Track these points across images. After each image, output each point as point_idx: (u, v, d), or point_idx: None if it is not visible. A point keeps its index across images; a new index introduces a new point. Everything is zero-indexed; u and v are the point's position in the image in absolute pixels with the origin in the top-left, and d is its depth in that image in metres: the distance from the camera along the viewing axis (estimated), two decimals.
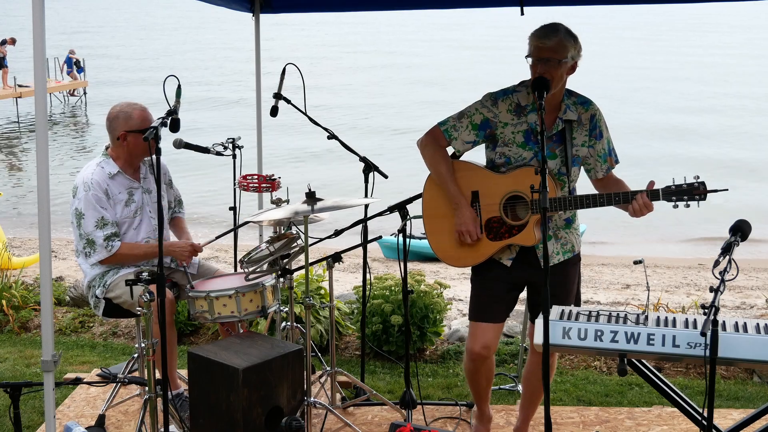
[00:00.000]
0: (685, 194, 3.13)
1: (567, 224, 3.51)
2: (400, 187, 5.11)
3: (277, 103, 4.45)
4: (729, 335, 2.79)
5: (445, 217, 3.49)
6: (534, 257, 3.44)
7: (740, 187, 15.30)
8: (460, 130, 3.44)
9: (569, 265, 3.54)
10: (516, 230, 3.37)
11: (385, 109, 28.11)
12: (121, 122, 4.00)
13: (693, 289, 9.52)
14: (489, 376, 3.73)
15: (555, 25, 3.28)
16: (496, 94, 3.44)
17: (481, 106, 3.43)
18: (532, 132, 3.36)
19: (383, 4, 5.84)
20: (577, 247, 3.58)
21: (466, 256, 3.47)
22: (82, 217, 3.93)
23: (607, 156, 3.46)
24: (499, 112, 3.40)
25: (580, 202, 3.27)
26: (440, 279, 5.72)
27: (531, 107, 3.36)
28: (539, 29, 3.29)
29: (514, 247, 3.45)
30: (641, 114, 24.94)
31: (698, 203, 3.15)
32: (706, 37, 55.97)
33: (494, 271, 3.50)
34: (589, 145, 3.43)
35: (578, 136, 3.41)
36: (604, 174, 3.47)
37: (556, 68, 3.22)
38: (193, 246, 4.13)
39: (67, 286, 6.90)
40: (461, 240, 3.42)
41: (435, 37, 56.07)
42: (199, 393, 3.46)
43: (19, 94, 26.30)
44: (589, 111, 3.42)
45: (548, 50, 3.22)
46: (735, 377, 4.93)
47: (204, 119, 23.04)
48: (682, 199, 3.14)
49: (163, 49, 49.97)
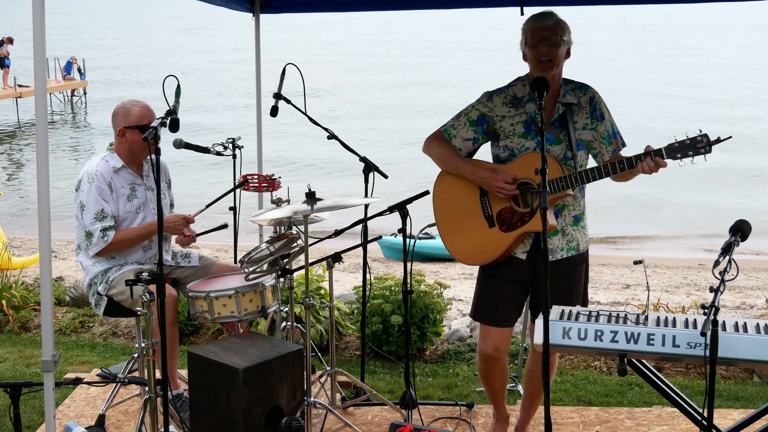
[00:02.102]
0: (690, 149, 3.05)
1: (575, 221, 3.51)
2: (399, 188, 5.11)
3: (277, 103, 4.45)
4: (729, 335, 2.79)
5: (455, 216, 3.50)
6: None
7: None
8: (459, 128, 3.49)
9: (575, 264, 3.53)
10: (527, 217, 3.36)
11: (386, 109, 28.11)
12: (120, 118, 4.04)
13: (693, 289, 9.52)
14: (503, 376, 3.72)
15: (548, 10, 3.34)
16: (492, 91, 3.49)
17: (477, 103, 3.49)
18: (532, 121, 3.38)
19: (383, 4, 5.84)
20: (583, 245, 3.56)
21: (483, 251, 3.46)
22: (84, 209, 3.95)
23: (611, 138, 3.45)
24: (494, 106, 3.44)
25: (585, 176, 3.24)
26: (440, 279, 5.73)
27: (528, 97, 3.39)
28: (535, 14, 3.33)
29: (527, 240, 3.44)
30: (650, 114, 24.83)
31: (704, 156, 3.05)
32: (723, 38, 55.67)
33: (505, 269, 3.49)
34: (592, 127, 3.43)
35: (579, 120, 3.42)
36: (611, 156, 3.44)
37: (558, 46, 3.26)
38: (185, 217, 4.13)
39: (67, 286, 6.90)
40: (500, 196, 3.36)
41: (435, 38, 56.07)
42: (199, 393, 3.46)
43: (19, 94, 26.31)
44: (588, 94, 3.44)
45: (549, 30, 3.26)
46: (735, 377, 4.93)
47: (205, 120, 23.06)
48: (687, 155, 3.05)
49: (163, 49, 49.97)
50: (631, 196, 14.73)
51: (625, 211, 14.29)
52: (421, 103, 28.49)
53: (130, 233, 4.05)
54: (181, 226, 4.12)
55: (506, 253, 3.43)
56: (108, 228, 3.97)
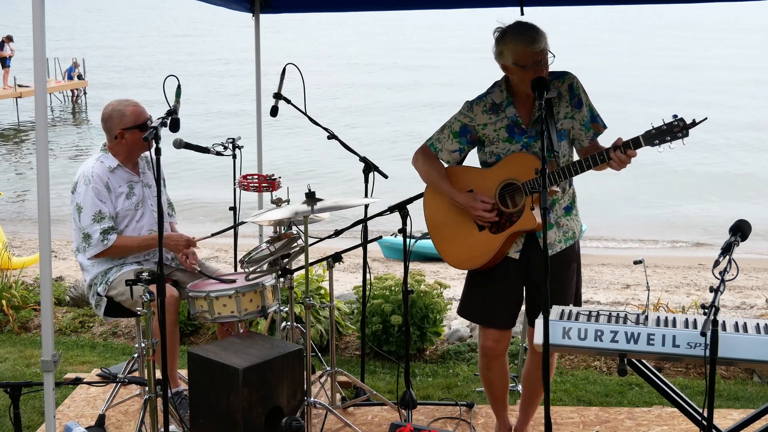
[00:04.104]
0: (667, 134, 3.05)
1: (567, 212, 3.52)
2: (397, 187, 5.10)
3: (277, 103, 4.45)
4: (729, 335, 2.79)
5: (445, 225, 3.54)
6: (537, 249, 3.41)
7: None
8: (444, 141, 3.53)
9: (569, 261, 3.52)
10: (515, 216, 3.37)
11: (385, 110, 28.11)
12: (116, 121, 4.03)
13: (693, 289, 9.53)
14: (504, 377, 3.71)
15: (530, 25, 3.27)
16: (472, 100, 3.51)
17: (458, 114, 3.51)
18: (515, 125, 3.40)
19: (383, 4, 5.84)
20: (578, 232, 3.57)
21: (474, 255, 3.47)
22: (80, 211, 3.95)
23: (590, 123, 3.43)
24: (474, 116, 3.46)
25: (567, 171, 3.25)
26: (440, 279, 5.72)
27: (506, 102, 3.41)
28: (523, 36, 3.23)
29: (519, 239, 3.45)
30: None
31: (682, 141, 3.05)
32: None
33: (497, 271, 3.48)
34: (571, 116, 3.42)
35: (561, 110, 3.41)
36: (590, 141, 3.44)
37: (546, 68, 3.28)
38: (187, 240, 4.14)
39: (67, 286, 6.90)
40: (482, 222, 3.41)
41: (434, 37, 56.05)
42: (199, 393, 3.46)
43: (19, 94, 26.33)
44: (566, 81, 3.42)
45: (542, 53, 3.24)
46: (735, 377, 4.93)
47: (205, 121, 23.06)
48: (665, 141, 3.05)
49: (164, 50, 49.97)
50: (632, 199, 14.77)
51: (627, 212, 14.34)
52: (421, 102, 28.50)
53: (132, 242, 4.03)
54: (182, 247, 4.13)
55: (499, 254, 3.44)
56: (108, 230, 3.95)
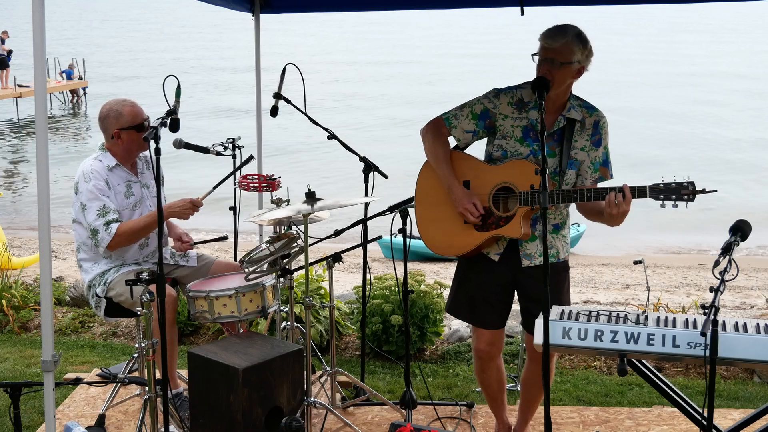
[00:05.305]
0: (673, 193, 3.05)
1: (555, 229, 3.47)
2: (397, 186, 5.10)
3: (277, 103, 4.45)
4: (729, 335, 2.79)
5: (435, 205, 3.49)
6: (518, 257, 3.42)
7: None
8: (461, 118, 3.47)
9: (554, 271, 3.42)
10: (503, 222, 3.35)
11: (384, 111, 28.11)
12: (113, 121, 4.02)
13: (693, 289, 9.54)
14: (500, 378, 3.70)
15: (566, 27, 3.26)
16: (500, 89, 3.46)
17: (483, 97, 3.47)
18: (532, 128, 3.36)
19: (383, 4, 5.83)
20: (563, 254, 3.51)
21: (453, 245, 3.46)
22: (85, 209, 3.94)
23: (600, 165, 3.41)
24: (499, 104, 3.42)
25: (568, 196, 3.23)
26: (440, 279, 5.72)
27: (533, 104, 3.35)
28: (549, 29, 3.27)
29: (502, 242, 3.44)
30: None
31: (686, 204, 3.05)
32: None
33: (480, 270, 3.48)
34: (587, 150, 3.39)
35: (579, 139, 3.38)
36: (592, 183, 3.40)
37: (557, 70, 3.20)
38: (192, 201, 4.09)
39: (67, 286, 6.90)
40: (466, 220, 3.38)
41: (435, 38, 56.04)
42: (199, 393, 3.46)
43: (19, 94, 26.33)
44: (594, 116, 3.39)
45: (553, 51, 3.21)
46: (735, 377, 4.93)
47: (206, 121, 23.06)
48: (669, 198, 3.05)
49: (164, 50, 49.98)
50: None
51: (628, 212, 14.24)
52: (422, 102, 28.50)
53: (136, 224, 4.00)
54: (188, 210, 4.08)
55: (476, 250, 3.44)
56: (111, 221, 3.94)
